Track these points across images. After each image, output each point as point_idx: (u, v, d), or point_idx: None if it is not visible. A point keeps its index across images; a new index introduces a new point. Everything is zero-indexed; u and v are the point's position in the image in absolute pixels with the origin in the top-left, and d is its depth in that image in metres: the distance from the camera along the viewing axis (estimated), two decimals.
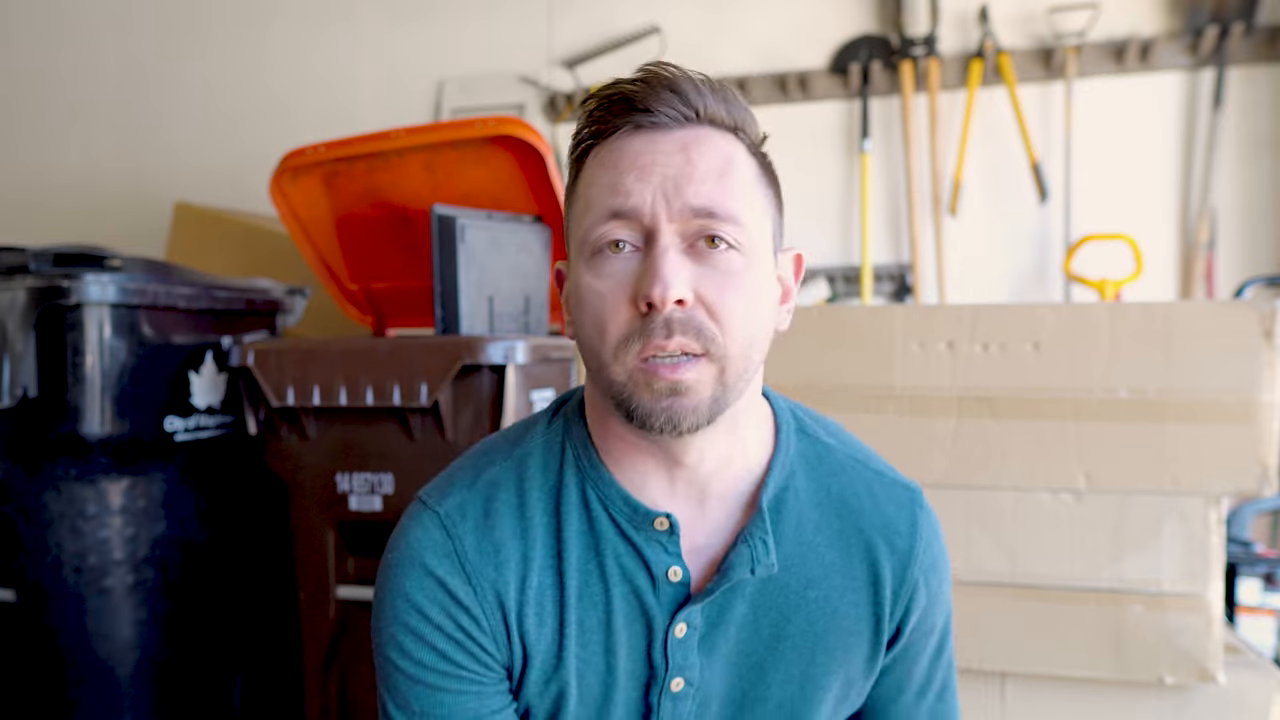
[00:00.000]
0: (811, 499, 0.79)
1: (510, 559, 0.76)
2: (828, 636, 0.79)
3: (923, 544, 0.81)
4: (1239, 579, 2.00)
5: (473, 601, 0.75)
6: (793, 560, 0.77)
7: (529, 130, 1.81)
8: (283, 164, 1.95)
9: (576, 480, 0.77)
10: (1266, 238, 2.54)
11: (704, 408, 0.69)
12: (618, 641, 0.76)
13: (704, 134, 0.70)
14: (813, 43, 2.79)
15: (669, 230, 0.68)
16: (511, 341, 1.65)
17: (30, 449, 1.70)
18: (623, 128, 0.71)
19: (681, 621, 0.75)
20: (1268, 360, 1.25)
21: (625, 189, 0.68)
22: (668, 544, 0.75)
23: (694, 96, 0.70)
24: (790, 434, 0.81)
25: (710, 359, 0.68)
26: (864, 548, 0.80)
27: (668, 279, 0.66)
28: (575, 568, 0.76)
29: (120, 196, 3.38)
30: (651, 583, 0.75)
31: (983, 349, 1.35)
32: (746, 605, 0.77)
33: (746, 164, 0.72)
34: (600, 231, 0.69)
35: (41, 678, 1.74)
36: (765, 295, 0.72)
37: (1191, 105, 2.57)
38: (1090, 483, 1.32)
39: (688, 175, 0.68)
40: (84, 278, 1.65)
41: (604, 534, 0.76)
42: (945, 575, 0.85)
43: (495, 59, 3.04)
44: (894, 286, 2.77)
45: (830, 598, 0.78)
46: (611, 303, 0.68)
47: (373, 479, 1.72)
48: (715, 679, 0.78)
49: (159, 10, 3.34)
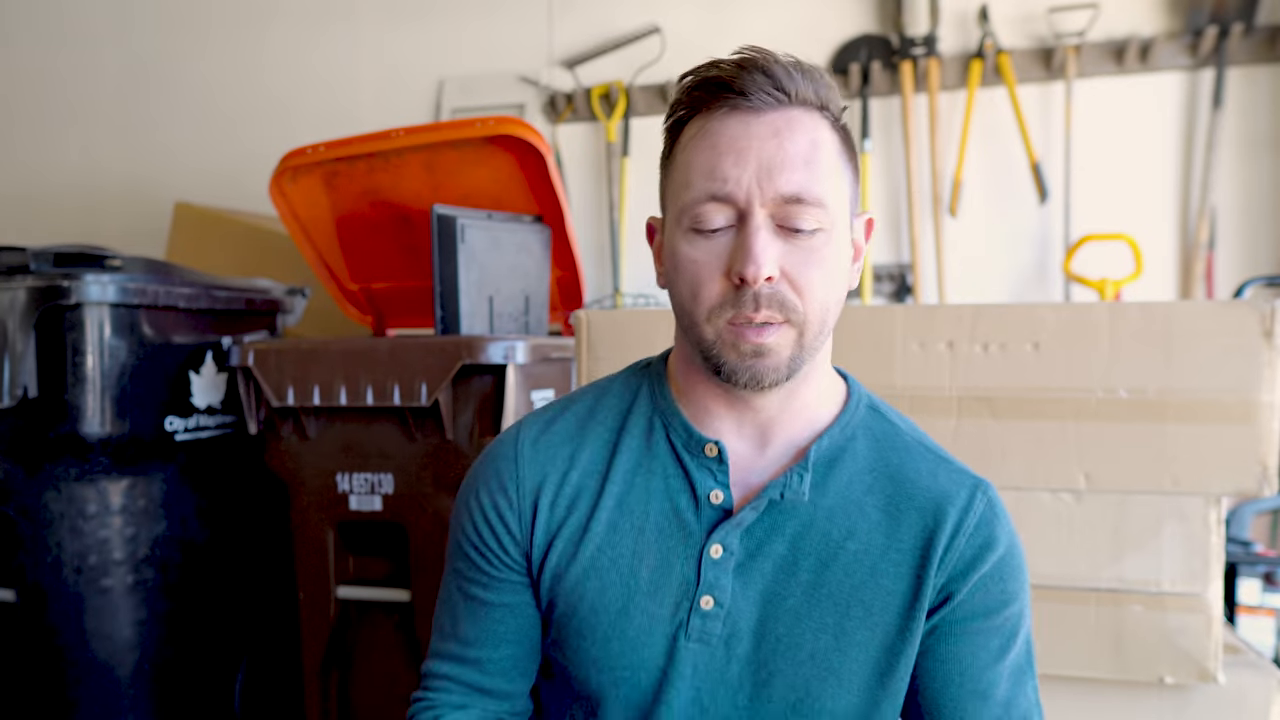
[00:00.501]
0: (868, 464, 0.83)
1: (558, 455, 0.86)
2: (864, 591, 0.80)
3: (977, 519, 0.81)
4: (1239, 579, 2.00)
5: (513, 482, 0.86)
6: (836, 512, 0.81)
7: (529, 130, 1.81)
8: (283, 164, 1.95)
9: (647, 408, 0.87)
10: (1266, 238, 2.54)
11: (783, 367, 0.77)
12: (646, 550, 0.82)
13: (794, 116, 0.76)
14: (813, 43, 2.79)
15: (761, 213, 0.75)
16: (511, 341, 1.65)
17: (30, 449, 1.70)
18: (720, 108, 0.77)
19: (718, 543, 0.81)
20: (1268, 360, 1.25)
21: (723, 174, 0.75)
22: (716, 471, 0.82)
23: (785, 80, 0.76)
24: (860, 407, 0.86)
25: (791, 325, 0.76)
26: (915, 514, 0.81)
27: (759, 259, 0.74)
28: (621, 476, 0.84)
29: (120, 196, 3.38)
30: (694, 504, 0.82)
31: (983, 349, 1.35)
32: (786, 545, 0.81)
33: (830, 142, 0.78)
34: (698, 211, 0.77)
35: (41, 678, 1.74)
36: (841, 264, 0.79)
37: (1191, 105, 2.57)
38: (1090, 483, 1.32)
39: (780, 162, 0.75)
40: (84, 278, 1.65)
41: (658, 454, 0.84)
42: (1012, 568, 0.82)
43: (495, 59, 3.04)
44: (894, 286, 2.77)
45: (870, 553, 0.80)
46: (707, 273, 0.77)
47: (373, 479, 1.72)
48: (748, 612, 0.80)
49: (159, 10, 3.34)
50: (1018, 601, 0.82)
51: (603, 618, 0.82)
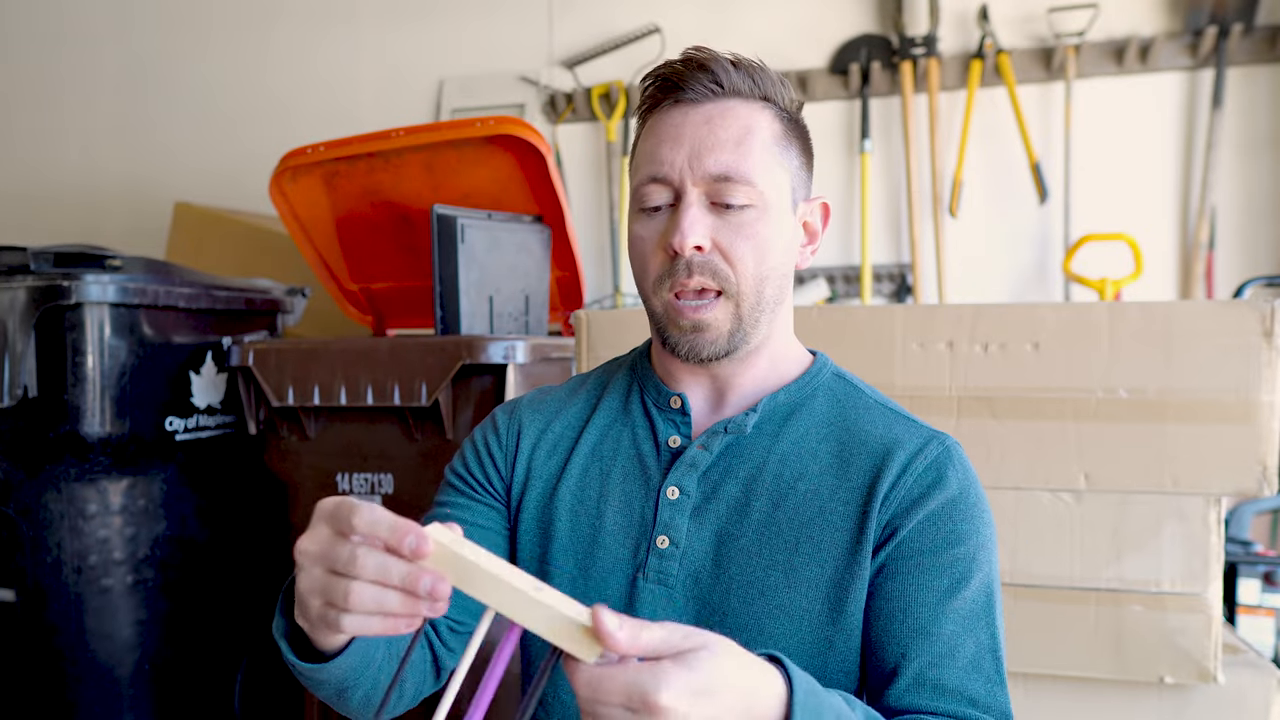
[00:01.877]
0: (825, 418, 0.88)
1: (546, 410, 0.96)
2: (812, 528, 0.83)
3: (928, 461, 0.83)
4: (1239, 579, 2.00)
5: (505, 424, 0.96)
6: (789, 457, 0.86)
7: (529, 130, 1.81)
8: (283, 164, 1.95)
9: (628, 375, 0.96)
10: (1266, 238, 2.54)
11: (722, 340, 0.85)
12: (611, 491, 0.89)
13: (729, 106, 0.84)
14: (813, 43, 2.79)
15: (694, 191, 0.83)
16: (511, 341, 1.65)
17: (30, 449, 1.70)
18: (664, 102, 0.86)
19: (674, 485, 0.87)
20: (1268, 360, 1.25)
21: (660, 158, 0.84)
22: (680, 422, 0.90)
23: (721, 74, 0.84)
24: (825, 372, 0.92)
25: (726, 296, 0.83)
26: (865, 458, 0.84)
27: (686, 231, 0.82)
28: (597, 429, 0.93)
29: (120, 196, 3.38)
30: (656, 450, 0.90)
31: (982, 349, 1.35)
32: (739, 487, 0.86)
33: (768, 129, 0.85)
34: (642, 192, 0.86)
35: (41, 678, 1.74)
36: (777, 241, 0.85)
37: (1191, 105, 2.57)
38: (1090, 483, 1.32)
39: (709, 145, 0.82)
40: (84, 278, 1.65)
41: (633, 410, 0.93)
42: (964, 510, 0.82)
43: (495, 59, 3.04)
44: (894, 286, 2.77)
45: (820, 492, 0.84)
46: (650, 248, 0.86)
47: (373, 479, 1.72)
48: (702, 551, 0.85)
49: (160, 10, 3.34)
50: (969, 543, 0.81)
51: (570, 556, 0.89)
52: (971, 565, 0.81)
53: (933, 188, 2.67)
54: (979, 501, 0.84)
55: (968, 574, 0.81)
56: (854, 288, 2.77)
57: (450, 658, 0.90)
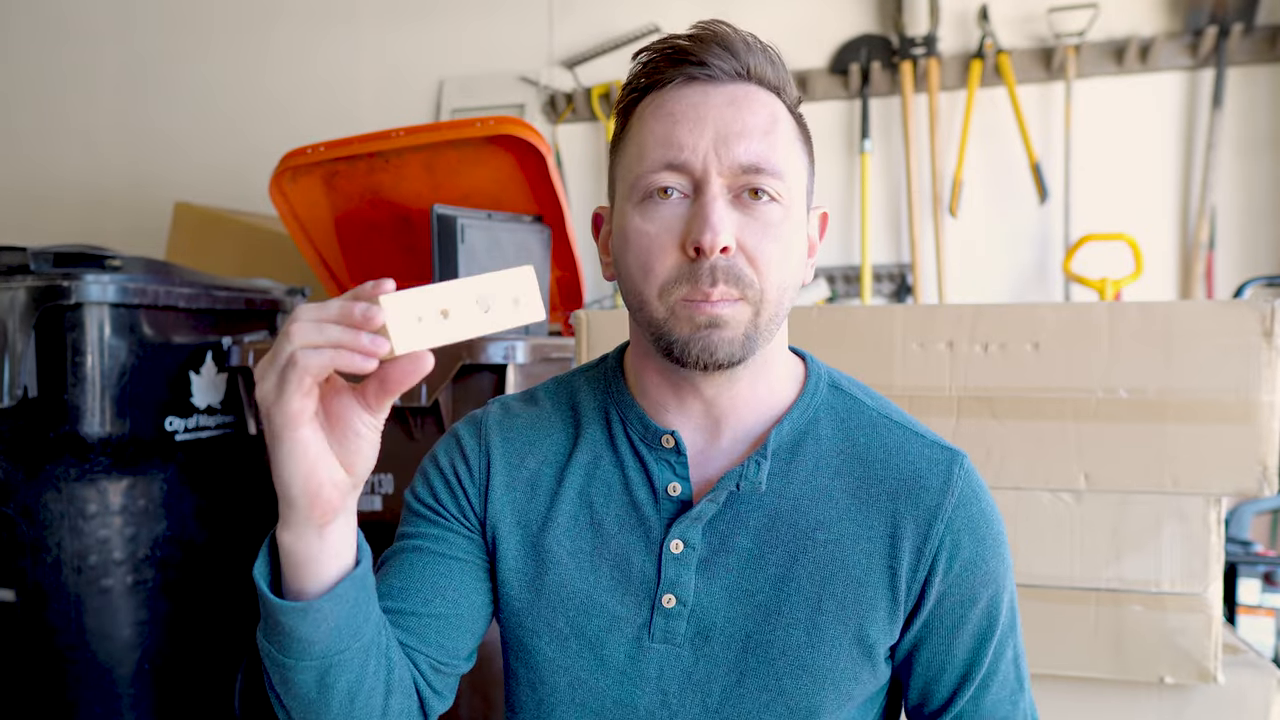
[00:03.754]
0: (834, 447, 0.80)
1: (517, 439, 0.84)
2: (834, 583, 0.76)
3: (955, 502, 0.77)
4: (1239, 579, 2.00)
5: (474, 451, 0.84)
6: (803, 501, 0.78)
7: (529, 130, 1.81)
8: (283, 164, 1.95)
9: (604, 402, 0.84)
10: (1266, 238, 2.54)
11: (738, 342, 0.73)
12: (606, 544, 0.80)
13: (752, 91, 0.75)
14: (813, 43, 2.79)
15: (718, 182, 0.72)
16: (511, 341, 1.65)
17: (30, 449, 1.70)
18: (676, 79, 0.75)
19: (677, 538, 0.77)
20: (1268, 360, 1.25)
21: (679, 141, 0.72)
22: (675, 463, 0.79)
23: (744, 54, 0.75)
24: (821, 386, 0.83)
25: (747, 302, 0.73)
26: (886, 499, 0.77)
27: (717, 227, 0.70)
28: (581, 468, 0.82)
29: (121, 196, 3.38)
30: (653, 497, 0.79)
31: (982, 349, 1.35)
32: (751, 539, 0.77)
33: (787, 123, 0.76)
34: (653, 179, 0.73)
35: (41, 678, 1.74)
36: (798, 246, 0.77)
37: (1191, 105, 2.57)
38: (1090, 483, 1.32)
39: (738, 130, 0.72)
40: (84, 278, 1.65)
41: (621, 450, 0.81)
42: (993, 547, 0.79)
43: (495, 59, 3.04)
44: (894, 286, 2.77)
45: (841, 542, 0.77)
46: (659, 246, 0.73)
47: (372, 479, 1.72)
48: (716, 610, 0.77)
49: (161, 10, 3.34)
50: (998, 579, 0.79)
51: (561, 613, 0.79)
52: (999, 594, 0.80)
53: (933, 188, 2.67)
54: (999, 526, 0.81)
55: (997, 604, 0.80)
56: (854, 288, 2.77)
57: (438, 700, 0.82)
